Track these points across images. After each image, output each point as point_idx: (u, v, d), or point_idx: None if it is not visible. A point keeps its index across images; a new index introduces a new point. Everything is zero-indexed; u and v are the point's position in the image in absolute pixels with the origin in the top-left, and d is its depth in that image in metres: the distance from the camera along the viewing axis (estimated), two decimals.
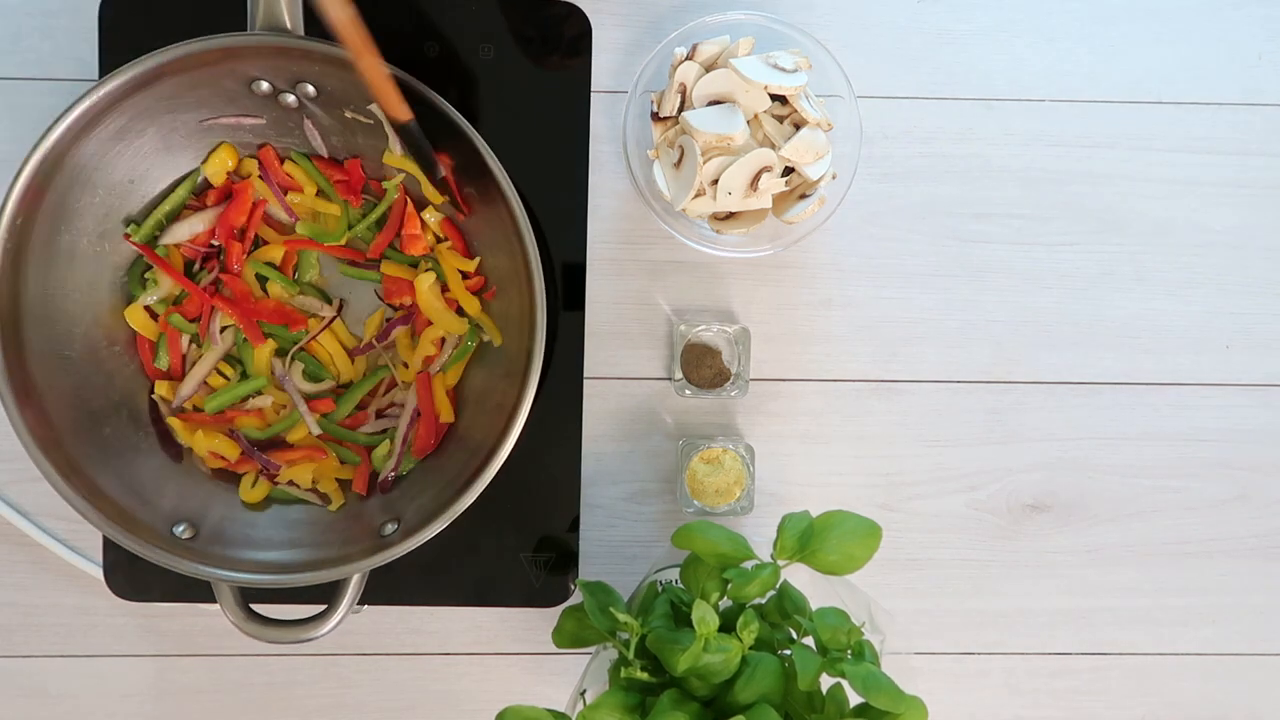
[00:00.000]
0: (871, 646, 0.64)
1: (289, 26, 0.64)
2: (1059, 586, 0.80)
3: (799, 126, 0.71)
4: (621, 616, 0.64)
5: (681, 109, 0.71)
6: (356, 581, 0.67)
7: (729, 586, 0.65)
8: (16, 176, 0.62)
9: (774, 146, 0.70)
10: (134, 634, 0.78)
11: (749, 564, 0.66)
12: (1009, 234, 0.78)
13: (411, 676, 0.79)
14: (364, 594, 0.69)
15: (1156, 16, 0.78)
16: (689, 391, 0.76)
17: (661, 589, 0.69)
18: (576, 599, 0.76)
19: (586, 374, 0.77)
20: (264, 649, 0.77)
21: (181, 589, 0.75)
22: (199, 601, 0.76)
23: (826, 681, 0.64)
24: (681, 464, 0.76)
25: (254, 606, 0.67)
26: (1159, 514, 0.80)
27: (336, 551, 0.68)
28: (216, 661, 0.78)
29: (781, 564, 0.65)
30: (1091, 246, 0.79)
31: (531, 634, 0.79)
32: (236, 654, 0.78)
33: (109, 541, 0.75)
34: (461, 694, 0.79)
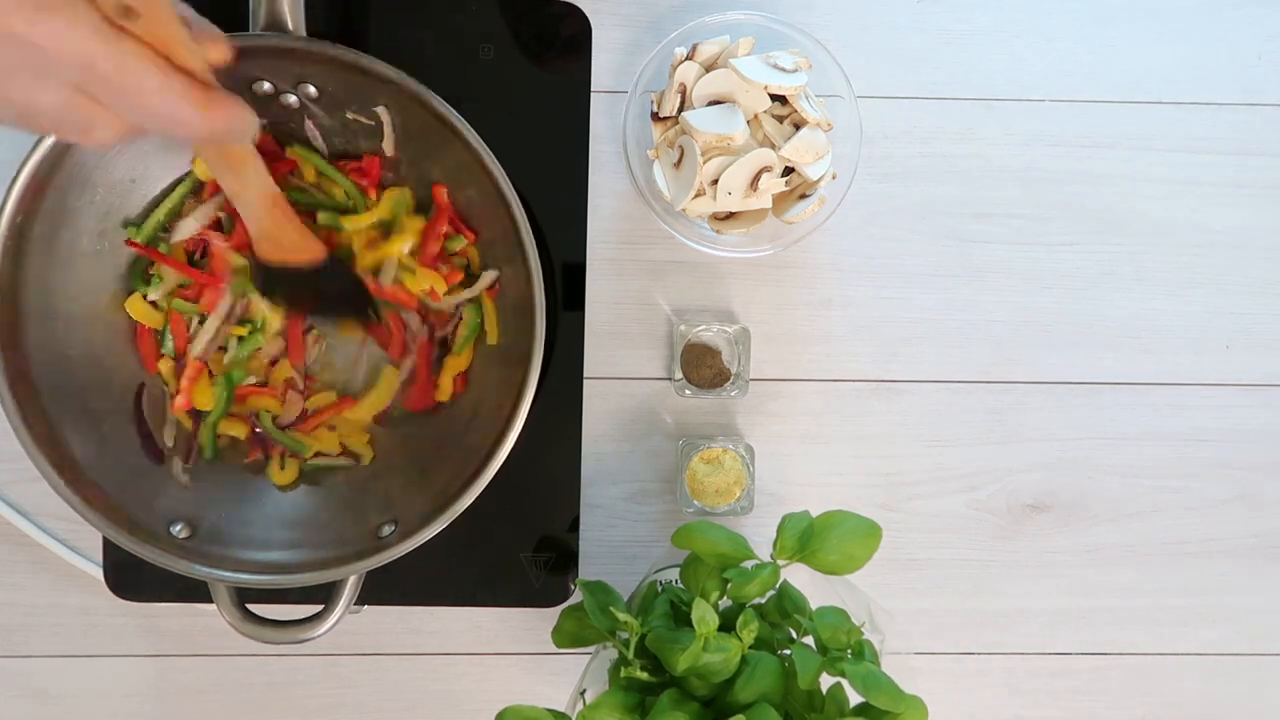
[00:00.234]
0: (871, 646, 0.64)
1: (291, 27, 0.64)
2: (1059, 586, 0.80)
3: (799, 126, 0.71)
4: (621, 616, 0.64)
5: (681, 109, 0.71)
6: (354, 582, 0.66)
7: (729, 586, 0.65)
8: (16, 176, 0.62)
9: (774, 146, 0.70)
10: (134, 634, 0.78)
11: (749, 564, 0.66)
12: (1009, 234, 0.78)
13: (411, 676, 0.79)
14: (364, 594, 0.68)
15: (1156, 16, 0.78)
16: (689, 391, 0.76)
17: (661, 589, 0.69)
18: (576, 599, 0.76)
19: (586, 374, 0.77)
20: (264, 649, 0.77)
21: (182, 589, 0.74)
22: (199, 601, 0.76)
23: (826, 681, 0.64)
24: (681, 464, 0.76)
25: (251, 607, 0.67)
26: (1159, 514, 0.80)
27: (334, 552, 0.67)
28: (216, 661, 0.78)
29: (781, 564, 0.65)
30: (1091, 246, 0.79)
31: (531, 634, 0.79)
32: (236, 654, 0.78)
33: (109, 541, 0.75)
34: (461, 694, 0.79)
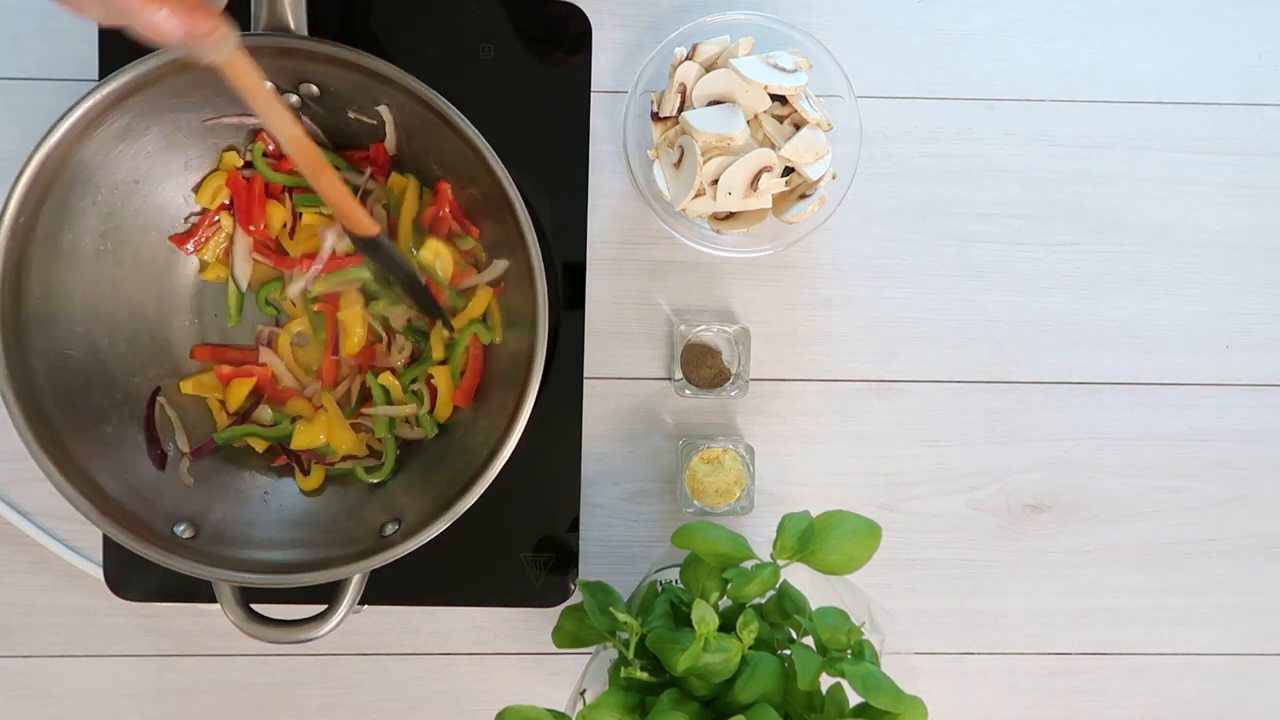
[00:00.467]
0: (871, 646, 0.64)
1: (292, 27, 0.64)
2: (1059, 586, 0.80)
3: (799, 126, 0.71)
4: (621, 616, 0.64)
5: (681, 109, 0.71)
6: (357, 582, 0.67)
7: (729, 586, 0.65)
8: (19, 176, 0.62)
9: (774, 146, 0.70)
10: (134, 634, 0.78)
11: (749, 564, 0.66)
12: (1009, 234, 0.78)
13: (411, 676, 0.79)
14: (365, 594, 0.68)
15: (1156, 16, 0.78)
16: (689, 391, 0.76)
17: (661, 589, 0.69)
18: (576, 599, 0.76)
19: (586, 374, 0.77)
20: (264, 649, 0.77)
21: (182, 589, 0.74)
22: (199, 601, 0.76)
23: (826, 681, 0.64)
24: (681, 464, 0.76)
25: (255, 606, 0.67)
26: (1159, 514, 0.80)
27: (337, 552, 0.67)
28: (216, 661, 0.78)
29: (781, 564, 0.65)
30: (1091, 246, 0.79)
31: (531, 634, 0.79)
32: (236, 654, 0.78)
33: (109, 541, 0.75)
34: (461, 694, 0.79)
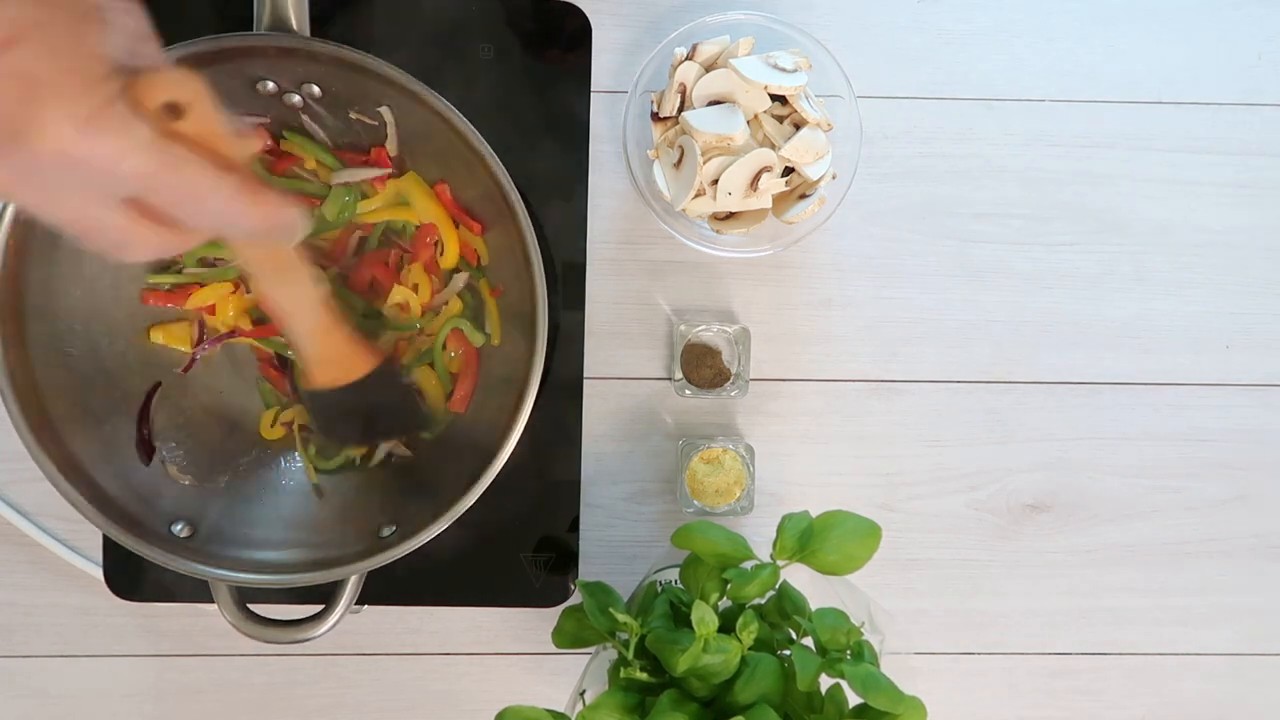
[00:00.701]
0: (871, 646, 0.64)
1: (294, 27, 0.64)
2: (1059, 586, 0.80)
3: (799, 126, 0.71)
4: (621, 616, 0.64)
5: (681, 109, 0.71)
6: (354, 582, 0.66)
7: (729, 586, 0.65)
8: None
9: (774, 146, 0.70)
10: (134, 634, 0.78)
11: (749, 564, 0.66)
12: (1009, 234, 0.78)
13: (411, 676, 0.79)
14: (364, 594, 0.68)
15: (1156, 16, 0.78)
16: (689, 391, 0.76)
17: (661, 589, 0.69)
18: (576, 599, 0.76)
19: (586, 374, 0.77)
20: (264, 649, 0.77)
21: (182, 589, 0.74)
22: (199, 601, 0.76)
23: (826, 682, 0.64)
24: (681, 464, 0.76)
25: (252, 607, 0.67)
26: (1159, 514, 0.80)
27: (335, 553, 0.67)
28: (216, 661, 0.78)
29: (781, 564, 0.65)
30: (1091, 246, 0.79)
31: (531, 634, 0.79)
32: (236, 654, 0.78)
33: (109, 541, 0.75)
34: (461, 694, 0.79)
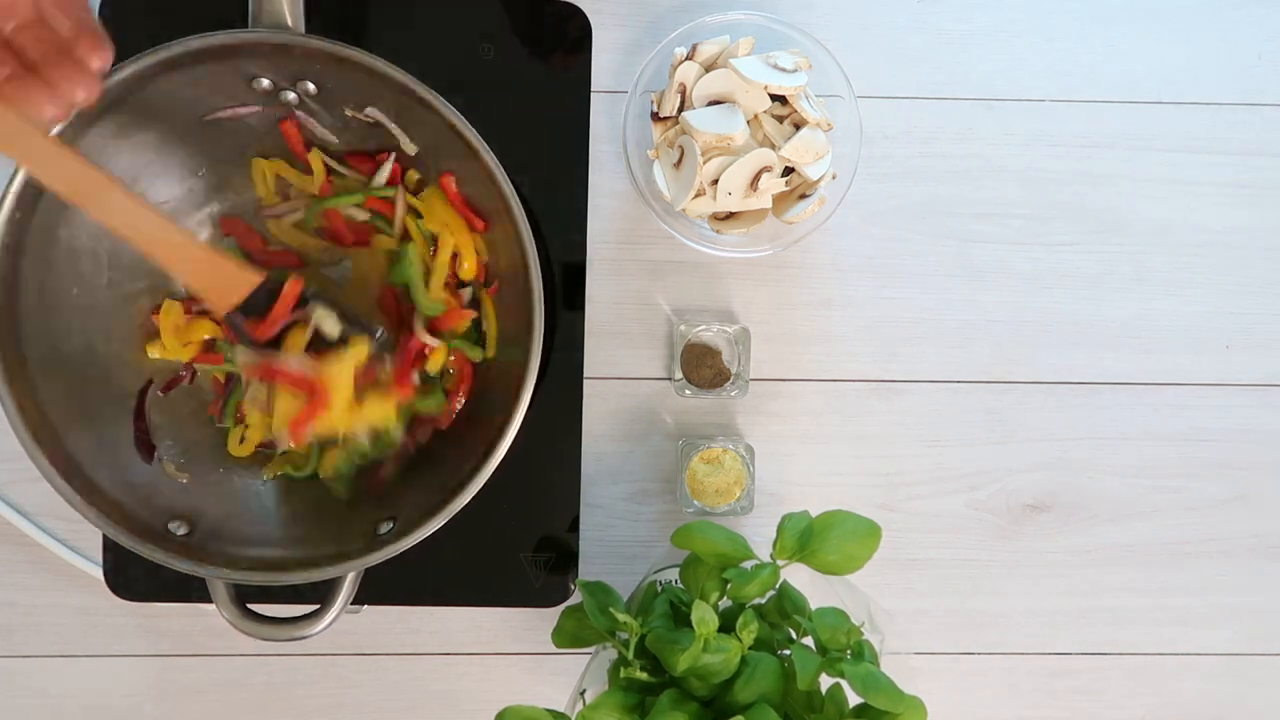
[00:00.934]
0: (871, 646, 0.64)
1: (290, 24, 0.64)
2: (1059, 586, 0.80)
3: (799, 126, 0.71)
4: (621, 616, 0.64)
5: (681, 109, 0.71)
6: (352, 580, 0.66)
7: (729, 586, 0.65)
8: (15, 172, 0.62)
9: (774, 146, 0.70)
10: (134, 634, 0.78)
11: (749, 564, 0.66)
12: (1009, 234, 0.78)
13: (411, 676, 0.79)
14: (364, 594, 0.68)
15: (1156, 16, 0.78)
16: (689, 391, 0.76)
17: (661, 589, 0.69)
18: (576, 599, 0.76)
19: (586, 374, 0.77)
20: (264, 649, 0.77)
21: (182, 589, 0.74)
22: (199, 601, 0.76)
23: (826, 681, 0.64)
24: (681, 464, 0.76)
25: (251, 605, 0.67)
26: (1159, 514, 0.80)
27: (332, 549, 0.67)
28: (216, 661, 0.78)
29: (781, 564, 0.65)
30: (1091, 246, 0.79)
31: (531, 634, 0.79)
32: (236, 654, 0.78)
33: (109, 541, 0.75)
34: (461, 694, 0.79)
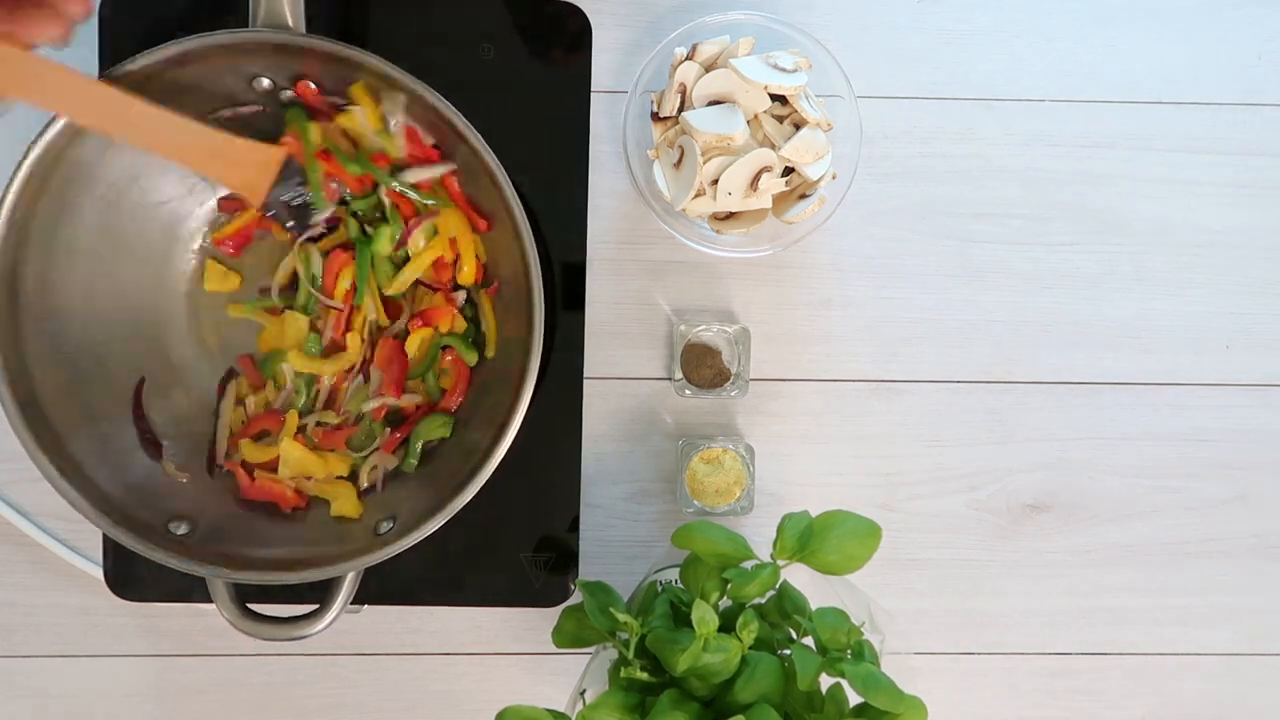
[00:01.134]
0: (871, 646, 0.64)
1: (290, 23, 0.64)
2: (1059, 586, 0.80)
3: (799, 126, 0.71)
4: (621, 616, 0.64)
5: (681, 109, 0.71)
6: (351, 579, 0.66)
7: (729, 586, 0.65)
8: (16, 171, 0.62)
9: (774, 146, 0.70)
10: (134, 634, 0.78)
11: (749, 564, 0.66)
12: (1009, 234, 0.78)
13: (411, 676, 0.79)
14: (364, 594, 0.68)
15: (1156, 16, 0.78)
16: (689, 391, 0.76)
17: (661, 589, 0.69)
18: (576, 599, 0.76)
19: (586, 374, 0.77)
20: (264, 649, 0.77)
21: (182, 589, 0.74)
22: (199, 601, 0.76)
23: (826, 681, 0.64)
24: (681, 464, 0.76)
25: (252, 605, 0.67)
26: (1159, 514, 0.80)
27: (332, 549, 0.67)
28: (216, 661, 0.78)
29: (781, 564, 0.65)
30: (1091, 246, 0.79)
31: (531, 634, 0.79)
32: (236, 654, 0.78)
33: (109, 541, 0.75)
34: (461, 694, 0.79)
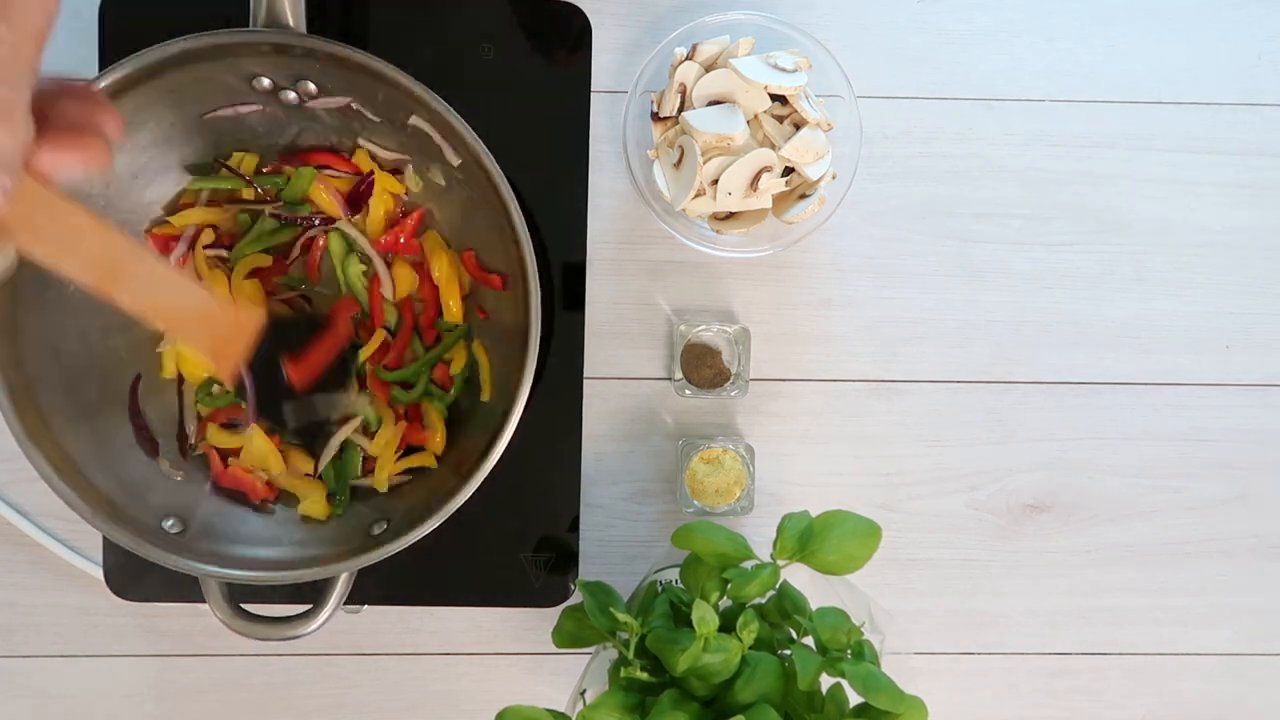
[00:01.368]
0: (871, 646, 0.64)
1: (291, 24, 0.64)
2: (1059, 586, 0.80)
3: (799, 126, 0.71)
4: (621, 616, 0.64)
5: (681, 109, 0.71)
6: (344, 580, 0.66)
7: (729, 586, 0.65)
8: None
9: (774, 146, 0.70)
10: (134, 634, 0.78)
11: (749, 564, 0.66)
12: (1009, 234, 0.78)
13: (411, 676, 0.79)
14: (364, 594, 0.68)
15: (1156, 16, 0.78)
16: (689, 391, 0.76)
17: (661, 589, 0.69)
18: (576, 599, 0.76)
19: (586, 374, 0.77)
20: (264, 649, 0.77)
21: (181, 589, 0.74)
22: (199, 601, 0.75)
23: (826, 681, 0.64)
24: (681, 464, 0.76)
25: (246, 605, 0.67)
26: (1159, 514, 0.80)
27: (326, 550, 0.67)
28: (216, 661, 0.78)
29: (781, 564, 0.65)
30: (1091, 246, 0.79)
31: (531, 634, 0.79)
32: (236, 654, 0.78)
33: (109, 541, 0.75)
34: (461, 694, 0.79)
